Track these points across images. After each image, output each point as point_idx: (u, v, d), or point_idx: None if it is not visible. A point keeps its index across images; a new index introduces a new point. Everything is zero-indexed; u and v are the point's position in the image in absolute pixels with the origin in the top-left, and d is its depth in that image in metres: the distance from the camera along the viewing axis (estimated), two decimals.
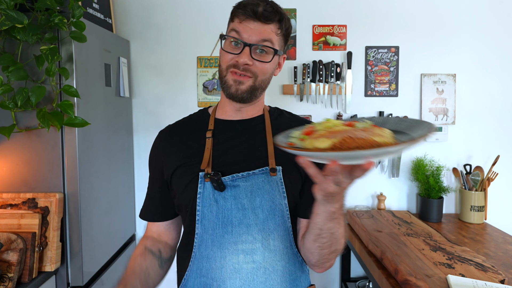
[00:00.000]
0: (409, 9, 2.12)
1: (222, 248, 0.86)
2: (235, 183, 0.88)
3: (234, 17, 0.89)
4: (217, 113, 1.00)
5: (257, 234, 0.86)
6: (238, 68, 0.88)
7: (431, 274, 1.27)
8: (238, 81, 0.89)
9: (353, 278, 2.18)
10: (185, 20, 2.11)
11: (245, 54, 0.86)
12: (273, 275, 0.87)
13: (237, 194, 0.87)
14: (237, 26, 0.87)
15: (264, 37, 0.87)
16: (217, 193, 0.87)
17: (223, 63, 0.91)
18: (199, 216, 0.88)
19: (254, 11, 0.86)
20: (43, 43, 1.33)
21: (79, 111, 1.45)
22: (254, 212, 0.87)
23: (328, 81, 2.11)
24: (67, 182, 1.44)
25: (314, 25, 2.12)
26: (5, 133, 1.30)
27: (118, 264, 1.83)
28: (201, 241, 0.88)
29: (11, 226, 1.33)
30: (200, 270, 0.88)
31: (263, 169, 0.89)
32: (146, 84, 2.14)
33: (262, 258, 0.86)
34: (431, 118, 2.13)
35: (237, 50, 0.88)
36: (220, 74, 0.93)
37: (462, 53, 2.13)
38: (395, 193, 2.19)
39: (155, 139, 1.03)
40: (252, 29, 0.86)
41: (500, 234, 1.82)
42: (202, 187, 0.88)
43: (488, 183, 1.99)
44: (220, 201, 0.87)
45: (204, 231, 0.88)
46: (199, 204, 0.88)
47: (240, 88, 0.89)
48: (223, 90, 0.93)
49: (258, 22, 0.87)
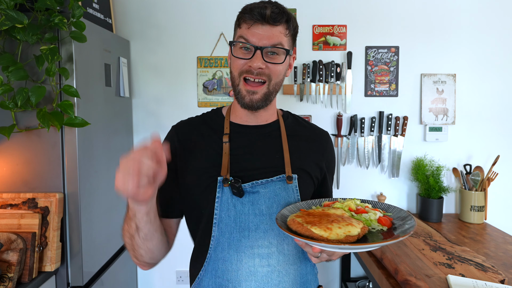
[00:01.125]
0: (409, 9, 2.12)
1: (238, 252, 0.88)
2: (254, 190, 0.90)
3: (241, 23, 0.88)
4: (231, 116, 1.00)
5: (273, 239, 0.89)
6: (252, 73, 0.87)
7: (431, 274, 1.27)
8: (251, 91, 0.89)
9: (353, 278, 2.18)
10: (185, 20, 2.11)
11: (257, 58, 0.86)
12: (286, 278, 0.90)
13: (255, 200, 0.89)
14: (246, 32, 0.87)
15: (274, 40, 0.86)
16: (235, 198, 0.89)
17: (235, 69, 0.90)
18: (216, 220, 0.89)
19: (261, 14, 0.85)
20: (43, 43, 1.33)
21: (79, 111, 1.45)
22: (270, 217, 0.89)
23: (328, 81, 2.11)
24: (67, 182, 1.44)
25: (314, 25, 2.12)
26: (5, 133, 1.30)
27: (118, 264, 1.83)
28: (217, 244, 0.89)
29: (11, 226, 1.33)
30: (215, 271, 0.90)
31: (280, 177, 0.91)
32: (146, 84, 2.14)
33: (276, 262, 0.89)
34: (431, 118, 2.13)
35: (248, 54, 0.87)
36: (232, 81, 0.92)
37: (462, 53, 2.13)
38: (395, 193, 2.19)
39: (169, 132, 1.01)
40: (261, 34, 0.86)
41: (500, 234, 1.82)
42: (221, 191, 0.89)
43: (488, 183, 1.99)
44: (238, 206, 0.89)
45: (221, 234, 0.89)
46: (217, 208, 0.89)
47: (254, 98, 0.89)
48: (237, 100, 0.92)
49: (267, 25, 0.86)
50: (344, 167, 2.18)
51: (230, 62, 0.94)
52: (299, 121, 1.05)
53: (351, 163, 2.17)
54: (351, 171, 2.18)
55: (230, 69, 0.93)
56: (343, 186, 2.17)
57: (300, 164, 0.95)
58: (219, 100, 2.14)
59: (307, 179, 0.96)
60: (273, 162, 0.93)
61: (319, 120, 2.15)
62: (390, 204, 0.88)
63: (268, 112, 0.99)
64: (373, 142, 2.15)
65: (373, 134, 2.14)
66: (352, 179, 2.18)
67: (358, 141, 2.14)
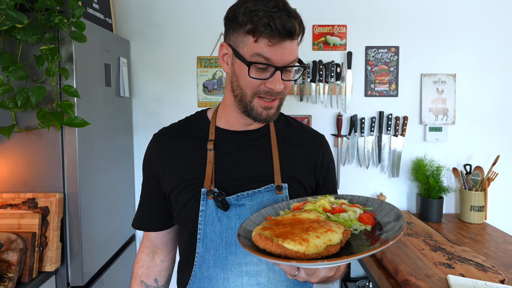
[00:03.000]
0: (409, 9, 2.12)
1: (225, 270, 0.82)
2: (240, 202, 0.83)
3: (258, 38, 0.74)
4: (218, 121, 0.92)
5: None
6: (272, 95, 0.79)
7: (431, 274, 1.27)
8: (268, 107, 0.81)
9: (353, 278, 2.18)
10: (185, 20, 2.11)
11: (278, 80, 0.77)
12: None
13: (241, 213, 0.83)
14: (267, 51, 0.74)
15: (293, 56, 0.78)
16: (220, 211, 0.83)
17: (248, 88, 0.79)
18: (201, 235, 0.83)
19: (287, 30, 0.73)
20: (43, 43, 1.33)
21: (79, 111, 1.45)
22: None
23: (328, 81, 2.11)
24: (67, 182, 1.44)
25: (314, 25, 2.12)
26: (5, 133, 1.30)
27: (118, 264, 1.83)
28: (203, 261, 0.84)
29: (11, 226, 1.33)
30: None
31: (269, 187, 0.85)
32: (146, 84, 2.14)
33: (267, 280, 0.83)
34: (431, 118, 2.13)
35: (265, 74, 0.77)
36: (242, 97, 0.82)
37: (462, 53, 2.13)
38: (395, 193, 2.19)
39: (149, 144, 0.96)
40: (283, 51, 0.75)
41: (500, 234, 1.82)
42: (205, 204, 0.83)
43: (488, 183, 1.99)
44: (224, 220, 0.83)
45: (206, 251, 0.83)
46: (201, 222, 0.83)
47: (269, 113, 0.82)
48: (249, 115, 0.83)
49: (288, 40, 0.75)
50: (344, 167, 2.18)
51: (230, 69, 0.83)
52: (291, 123, 0.97)
53: (351, 163, 2.17)
54: (351, 171, 2.18)
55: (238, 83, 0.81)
56: (343, 186, 2.17)
57: (291, 172, 0.88)
58: (219, 100, 2.14)
59: (299, 189, 0.89)
60: (262, 170, 0.87)
61: (319, 120, 2.15)
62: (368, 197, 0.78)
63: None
64: (373, 142, 2.15)
65: (373, 134, 2.14)
66: (352, 179, 2.18)
67: (358, 141, 2.14)
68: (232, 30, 0.80)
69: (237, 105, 0.84)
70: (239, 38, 0.78)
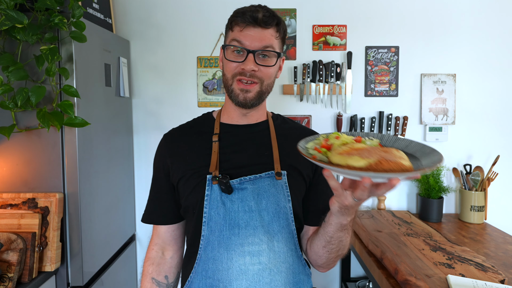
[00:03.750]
0: (409, 9, 2.12)
1: (228, 250, 0.87)
2: (242, 186, 0.90)
3: (233, 26, 0.91)
4: (222, 117, 1.02)
5: (263, 236, 0.88)
6: (245, 75, 0.89)
7: (431, 274, 1.27)
8: (245, 89, 0.91)
9: (353, 278, 2.18)
10: (185, 20, 2.11)
11: (250, 61, 0.88)
12: (277, 276, 0.88)
13: (244, 196, 0.89)
14: (238, 35, 0.89)
15: (265, 42, 0.89)
16: (224, 195, 0.89)
17: (228, 72, 0.92)
18: (206, 218, 0.89)
19: (253, 17, 0.88)
20: (43, 43, 1.33)
21: (79, 111, 1.45)
22: (260, 214, 0.89)
23: (328, 81, 2.11)
24: (67, 182, 1.44)
25: (314, 25, 2.12)
26: (5, 133, 1.30)
27: (118, 264, 1.83)
28: (207, 243, 0.89)
29: (11, 226, 1.33)
30: (205, 271, 0.89)
31: (269, 173, 0.91)
32: (146, 84, 2.14)
33: (267, 259, 0.88)
34: (431, 118, 2.13)
35: (240, 58, 0.90)
36: (225, 83, 0.94)
37: (462, 53, 2.13)
38: (395, 193, 2.19)
39: (160, 142, 1.04)
40: (253, 36, 0.88)
41: (500, 234, 1.82)
42: (210, 189, 0.89)
43: (488, 183, 1.99)
44: (228, 204, 0.89)
45: (210, 233, 0.89)
46: (206, 206, 0.89)
47: (247, 96, 0.91)
48: (231, 99, 0.94)
49: (258, 28, 0.89)
50: None
51: (222, 65, 0.97)
52: (288, 123, 1.06)
53: None
54: None
55: (223, 71, 0.95)
56: None
57: (290, 161, 0.94)
58: (219, 100, 2.14)
59: (297, 177, 0.94)
60: (262, 159, 0.94)
61: (319, 120, 2.15)
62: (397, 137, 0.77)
63: (259, 113, 1.01)
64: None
65: None
66: None
67: None
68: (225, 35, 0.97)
69: (226, 93, 0.95)
70: (226, 36, 0.96)
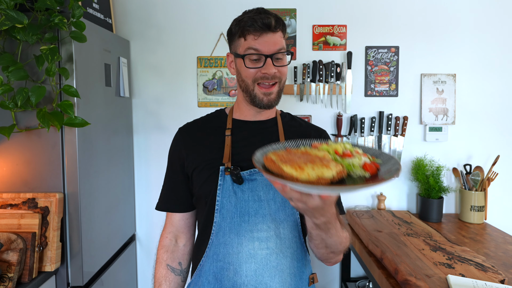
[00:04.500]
0: (409, 9, 2.12)
1: (239, 235, 0.94)
2: (252, 177, 0.96)
3: (246, 35, 0.95)
4: (234, 114, 1.09)
5: (270, 223, 0.95)
6: (268, 79, 0.96)
7: (431, 274, 1.27)
8: (268, 93, 0.98)
9: (353, 278, 2.18)
10: (185, 20, 2.11)
11: (270, 65, 0.95)
12: (283, 260, 0.95)
13: (254, 187, 0.96)
14: (254, 43, 0.95)
15: (279, 45, 0.96)
16: (235, 185, 0.96)
17: (247, 78, 0.98)
18: (218, 206, 0.96)
19: (266, 24, 0.93)
20: (43, 43, 1.33)
21: (79, 111, 1.45)
22: (268, 203, 0.96)
23: (328, 81, 2.11)
24: (67, 182, 1.44)
25: (314, 25, 2.12)
26: (5, 133, 1.30)
27: (118, 264, 1.83)
28: (219, 229, 0.96)
29: (11, 226, 1.33)
30: (217, 255, 0.96)
31: None
32: (146, 84, 2.14)
33: (275, 244, 0.95)
34: (431, 118, 2.13)
35: (259, 63, 0.96)
36: (246, 88, 1.00)
37: (462, 53, 2.13)
38: (395, 193, 2.19)
39: (175, 136, 1.10)
40: (268, 41, 0.95)
41: (500, 234, 1.82)
42: (222, 179, 0.96)
43: (488, 183, 1.99)
44: (239, 193, 0.96)
45: (222, 220, 0.96)
46: (219, 195, 0.96)
47: (271, 98, 0.99)
48: (253, 103, 1.00)
49: (270, 33, 0.95)
50: None
51: (234, 71, 1.04)
52: (296, 120, 1.13)
53: None
54: None
55: (241, 77, 1.00)
56: None
57: None
58: (219, 100, 2.14)
59: None
60: None
61: (319, 120, 2.15)
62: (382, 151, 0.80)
63: (270, 110, 1.08)
64: (373, 142, 2.15)
65: (373, 134, 2.14)
66: None
67: (358, 141, 2.14)
68: (231, 41, 1.03)
69: (245, 97, 1.02)
70: (236, 44, 1.00)
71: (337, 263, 1.01)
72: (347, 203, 2.18)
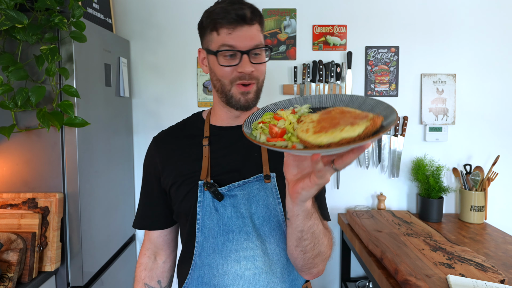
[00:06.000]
0: (409, 9, 2.12)
1: (224, 256, 0.86)
2: (232, 193, 0.88)
3: (219, 29, 0.84)
4: (212, 119, 0.99)
5: (256, 240, 0.87)
6: (245, 78, 0.86)
7: (431, 274, 1.27)
8: (245, 92, 0.88)
9: (353, 278, 2.18)
10: (185, 20, 2.11)
11: (246, 63, 0.84)
12: (273, 278, 0.87)
13: (235, 202, 0.88)
14: (228, 39, 0.84)
15: (256, 40, 0.85)
16: (216, 201, 0.88)
17: (224, 77, 0.87)
18: (199, 225, 0.88)
19: (240, 16, 0.83)
20: (43, 43, 1.33)
21: (79, 111, 1.45)
22: (251, 219, 0.88)
23: (328, 81, 2.11)
24: (67, 182, 1.44)
25: (314, 25, 2.12)
26: (5, 133, 1.30)
27: (118, 264, 1.83)
28: (202, 250, 0.88)
29: (11, 226, 1.33)
30: (201, 278, 0.88)
31: (258, 176, 0.89)
32: (146, 84, 2.14)
33: (263, 263, 0.87)
34: (431, 118, 2.13)
35: (234, 61, 0.85)
36: (221, 88, 0.89)
37: (462, 53, 2.13)
38: (395, 193, 2.19)
39: (149, 146, 1.02)
40: (243, 36, 0.84)
41: (500, 234, 1.82)
42: (202, 195, 0.88)
43: (488, 183, 1.99)
44: (220, 210, 0.87)
45: (204, 240, 0.88)
46: (199, 212, 0.88)
47: (248, 98, 0.89)
48: (230, 104, 0.90)
49: (246, 26, 0.84)
50: None
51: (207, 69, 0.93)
52: None
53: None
54: (351, 171, 2.18)
55: (215, 77, 0.89)
56: (343, 186, 2.18)
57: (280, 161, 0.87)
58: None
59: None
60: (251, 161, 0.91)
61: None
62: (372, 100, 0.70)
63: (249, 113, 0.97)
64: (373, 142, 2.15)
65: None
66: (352, 179, 2.18)
67: None
68: (203, 36, 0.92)
69: (220, 98, 0.92)
70: (208, 38, 0.89)
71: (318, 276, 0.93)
72: (347, 203, 2.18)
